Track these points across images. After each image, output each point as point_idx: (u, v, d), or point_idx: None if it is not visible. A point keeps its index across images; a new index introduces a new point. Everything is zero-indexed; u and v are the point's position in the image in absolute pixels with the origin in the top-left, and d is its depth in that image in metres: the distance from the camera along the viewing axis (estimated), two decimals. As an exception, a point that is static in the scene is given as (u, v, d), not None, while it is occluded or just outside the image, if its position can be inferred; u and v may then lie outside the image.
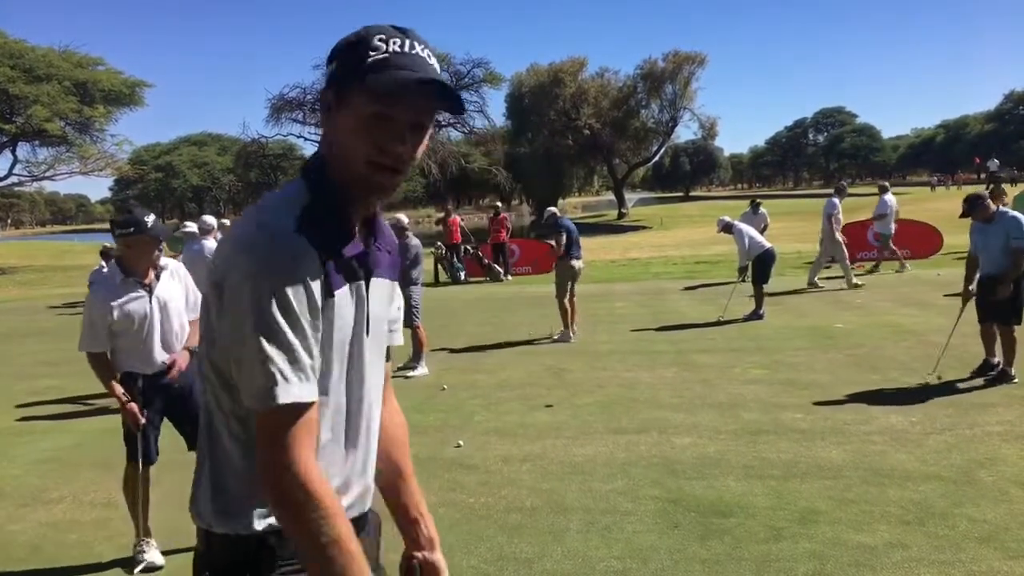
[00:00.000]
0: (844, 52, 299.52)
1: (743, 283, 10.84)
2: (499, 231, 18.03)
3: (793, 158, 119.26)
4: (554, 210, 10.37)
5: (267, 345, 1.18)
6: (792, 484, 4.43)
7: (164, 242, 3.92)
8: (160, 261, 3.90)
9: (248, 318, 1.19)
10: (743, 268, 10.66)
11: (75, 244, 47.25)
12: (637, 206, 68.80)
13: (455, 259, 17.94)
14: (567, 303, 9.55)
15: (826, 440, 5.17)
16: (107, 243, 20.89)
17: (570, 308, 9.58)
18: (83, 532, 4.36)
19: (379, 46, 1.25)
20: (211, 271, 1.28)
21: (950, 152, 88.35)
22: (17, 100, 29.96)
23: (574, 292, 9.69)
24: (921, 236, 16.36)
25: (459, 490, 4.63)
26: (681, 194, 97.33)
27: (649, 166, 79.71)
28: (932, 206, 27.09)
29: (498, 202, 24.48)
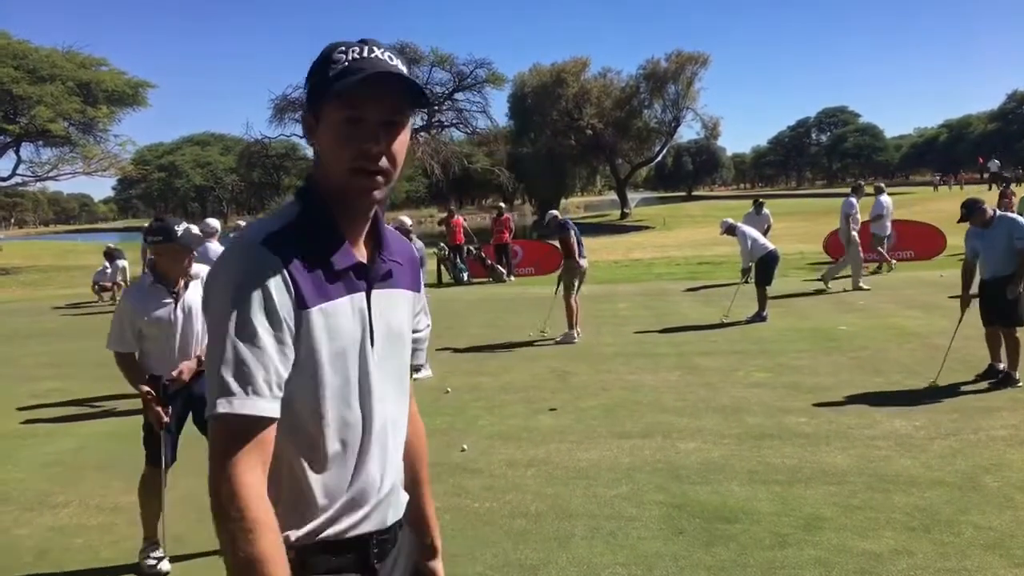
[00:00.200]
0: (847, 52, 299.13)
1: (746, 284, 10.86)
2: (502, 232, 18.04)
3: (796, 158, 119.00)
4: (555, 213, 10.58)
5: (220, 356, 1.21)
6: (797, 490, 4.43)
7: (195, 251, 3.95)
8: (192, 269, 3.96)
9: (211, 327, 1.25)
10: (746, 270, 10.71)
11: (78, 244, 47.35)
12: (640, 206, 68.66)
13: (458, 260, 17.94)
14: (574, 303, 9.60)
15: (830, 445, 5.17)
16: (110, 243, 20.94)
17: (576, 308, 9.64)
18: (89, 536, 4.37)
19: (339, 58, 1.30)
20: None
21: (953, 152, 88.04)
22: (21, 101, 30.00)
23: (579, 292, 9.75)
24: (924, 237, 16.34)
25: (464, 495, 4.64)
26: (684, 194, 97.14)
27: (652, 166, 79.51)
28: (935, 206, 27.03)
29: (501, 203, 24.49)
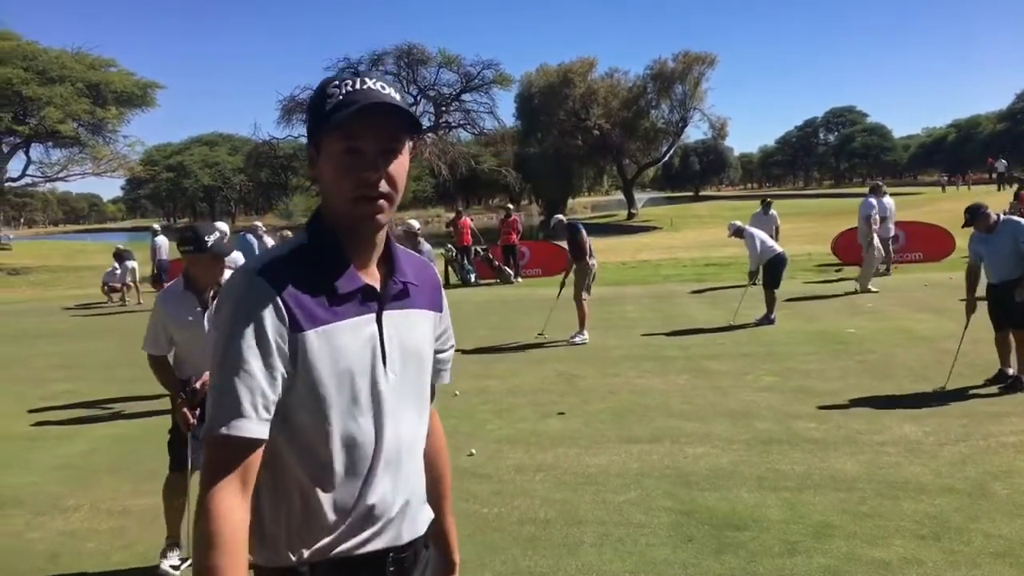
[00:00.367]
0: (854, 51, 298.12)
1: (754, 286, 10.84)
2: (509, 233, 18.06)
3: (803, 158, 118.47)
4: (560, 217, 10.84)
5: (213, 382, 1.28)
6: (806, 496, 4.42)
7: (226, 259, 3.91)
8: (222, 278, 3.93)
9: (211, 354, 1.32)
10: (754, 272, 10.69)
11: (88, 244, 47.60)
12: (647, 206, 68.52)
13: (465, 261, 17.96)
14: (585, 304, 9.63)
15: (839, 451, 5.16)
16: (120, 244, 21.07)
17: (586, 309, 9.68)
18: (100, 541, 4.40)
19: (334, 92, 1.34)
20: None
21: (962, 151, 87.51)
22: (31, 102, 30.22)
23: (589, 292, 9.82)
24: (933, 238, 16.24)
25: (472, 500, 4.64)
26: (691, 194, 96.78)
27: (659, 166, 79.31)
28: (943, 207, 26.87)
29: (508, 204, 24.53)
